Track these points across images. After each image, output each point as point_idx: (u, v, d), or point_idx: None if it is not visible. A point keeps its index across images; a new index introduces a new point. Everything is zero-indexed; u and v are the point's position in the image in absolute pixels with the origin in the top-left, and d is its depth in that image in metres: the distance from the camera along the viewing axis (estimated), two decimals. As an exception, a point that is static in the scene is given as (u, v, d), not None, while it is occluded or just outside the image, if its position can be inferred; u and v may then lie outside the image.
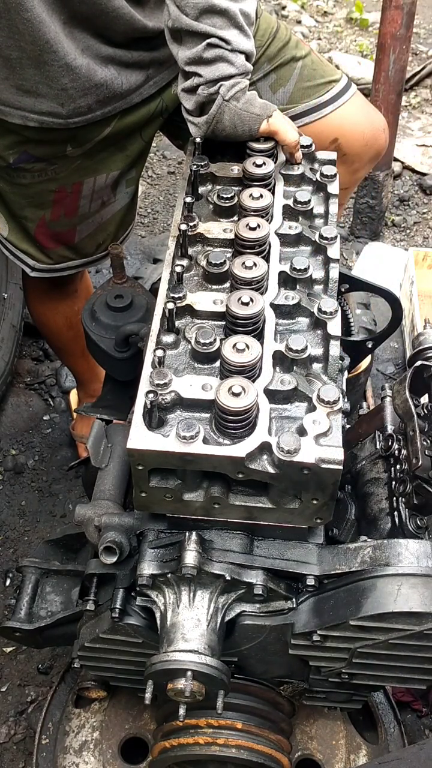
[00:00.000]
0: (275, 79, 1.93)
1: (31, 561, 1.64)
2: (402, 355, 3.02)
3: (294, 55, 1.94)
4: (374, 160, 2.15)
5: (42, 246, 1.99)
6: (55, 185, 1.86)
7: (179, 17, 1.53)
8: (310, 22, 4.85)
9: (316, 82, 1.96)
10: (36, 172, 1.83)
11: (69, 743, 1.87)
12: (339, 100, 1.97)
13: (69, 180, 1.86)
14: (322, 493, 1.23)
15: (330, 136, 1.96)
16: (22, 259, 2.02)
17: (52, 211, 1.91)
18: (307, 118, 1.95)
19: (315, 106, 1.96)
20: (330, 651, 1.39)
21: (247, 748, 1.57)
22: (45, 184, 1.86)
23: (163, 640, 1.34)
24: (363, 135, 2.03)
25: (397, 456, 1.46)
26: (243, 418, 1.20)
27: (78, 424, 2.68)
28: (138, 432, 1.21)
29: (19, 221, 1.94)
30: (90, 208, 1.94)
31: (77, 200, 1.91)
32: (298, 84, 1.95)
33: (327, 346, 1.33)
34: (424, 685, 1.47)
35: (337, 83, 1.98)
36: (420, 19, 4.71)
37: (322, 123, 1.96)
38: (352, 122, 2.00)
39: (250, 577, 1.33)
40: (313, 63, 1.97)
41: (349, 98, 1.99)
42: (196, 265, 1.46)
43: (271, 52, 1.91)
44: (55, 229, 1.96)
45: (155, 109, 1.89)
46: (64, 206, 1.91)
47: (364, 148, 2.04)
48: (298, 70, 1.94)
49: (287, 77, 1.94)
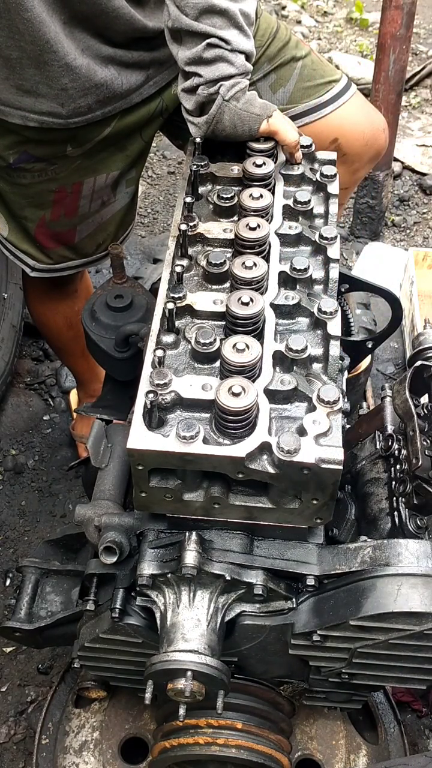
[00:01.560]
0: (275, 79, 1.93)
1: (31, 561, 1.64)
2: (402, 355, 3.02)
3: (294, 55, 1.94)
4: (374, 160, 2.15)
5: (42, 246, 1.99)
6: (55, 185, 1.86)
7: (179, 17, 1.53)
8: (310, 22, 4.85)
9: (316, 82, 1.96)
10: (36, 172, 1.83)
11: (69, 743, 1.87)
12: (339, 100, 1.97)
13: (69, 180, 1.86)
14: (322, 493, 1.23)
15: (330, 136, 1.96)
16: (22, 259, 2.02)
17: (52, 211, 1.91)
18: (307, 118, 1.95)
19: (315, 106, 1.96)
20: (330, 651, 1.39)
21: (247, 748, 1.57)
22: (45, 184, 1.86)
23: (163, 640, 1.34)
24: (363, 135, 2.03)
25: (397, 456, 1.46)
26: (243, 418, 1.20)
27: (78, 424, 2.68)
28: (138, 432, 1.21)
29: (19, 221, 1.95)
30: (90, 208, 1.95)
31: (77, 200, 1.91)
32: (298, 84, 1.95)
33: (327, 346, 1.33)
34: (424, 685, 1.47)
35: (337, 83, 1.98)
36: (420, 19, 4.71)
37: (322, 123, 1.96)
38: (352, 122, 2.00)
39: (250, 577, 1.33)
40: (313, 63, 1.97)
41: (349, 98, 1.99)
42: (196, 265, 1.46)
43: (271, 52, 1.91)
44: (55, 229, 1.96)
45: (155, 109, 1.89)
46: (64, 206, 1.91)
47: (364, 148, 2.04)
48: (298, 70, 1.94)
49: (287, 77, 1.94)
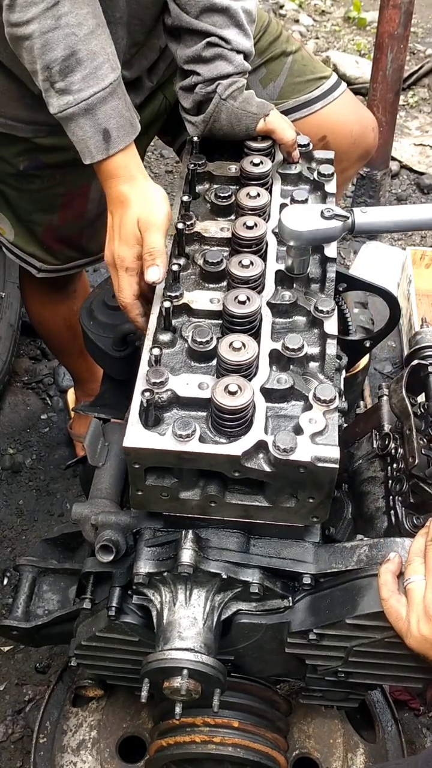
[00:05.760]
0: (265, 73, 1.91)
1: (28, 560, 1.64)
2: (399, 354, 3.02)
3: (285, 50, 1.93)
4: (363, 159, 2.13)
5: (49, 248, 1.98)
6: (63, 189, 1.85)
7: (179, 15, 1.53)
8: (307, 21, 4.85)
9: (307, 78, 1.95)
10: (45, 177, 1.81)
11: (67, 742, 1.87)
12: (329, 97, 1.96)
13: (77, 183, 1.84)
14: (319, 491, 1.23)
15: (319, 132, 1.94)
16: (28, 262, 2.00)
17: (60, 215, 1.90)
18: (296, 113, 1.93)
19: (305, 101, 1.94)
20: (326, 649, 1.39)
21: (244, 747, 1.57)
22: (54, 188, 1.84)
23: (160, 639, 1.34)
24: (351, 133, 2.01)
25: (393, 455, 1.46)
26: (239, 417, 1.20)
27: (75, 423, 2.67)
28: (134, 430, 1.21)
29: (26, 225, 1.93)
30: (97, 210, 1.93)
31: (85, 203, 1.89)
32: (288, 79, 1.93)
33: (324, 345, 1.33)
34: (421, 683, 1.47)
35: (327, 80, 1.97)
36: (417, 18, 4.71)
37: (312, 119, 1.95)
38: (341, 120, 1.99)
39: (246, 575, 1.33)
40: (304, 59, 1.96)
41: (339, 95, 1.97)
42: (193, 264, 1.46)
43: (261, 45, 1.89)
44: (63, 233, 1.95)
45: (159, 107, 1.88)
46: (72, 209, 1.90)
47: (353, 147, 2.02)
48: (288, 65, 1.93)
49: (277, 72, 1.92)
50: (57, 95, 1.39)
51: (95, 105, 1.38)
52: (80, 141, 1.42)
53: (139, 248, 1.40)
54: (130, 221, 1.41)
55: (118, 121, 1.41)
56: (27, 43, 1.36)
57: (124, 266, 1.42)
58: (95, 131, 1.40)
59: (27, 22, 1.34)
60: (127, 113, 1.43)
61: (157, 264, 1.34)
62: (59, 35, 1.34)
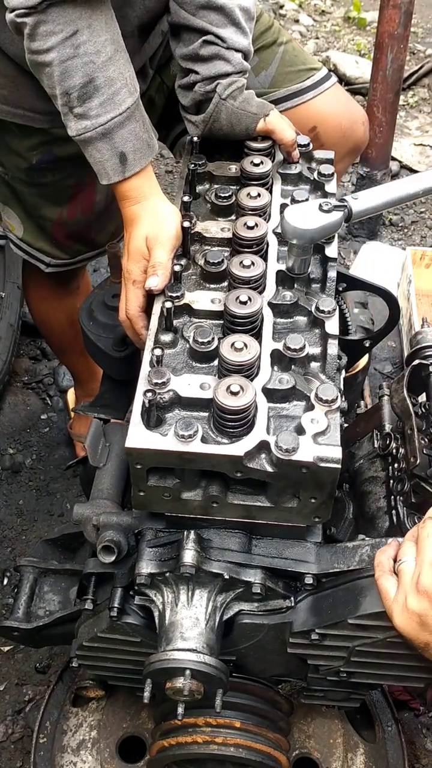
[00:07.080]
0: (257, 62, 1.91)
1: (29, 560, 1.64)
2: (399, 354, 3.02)
3: (276, 39, 1.94)
4: (354, 154, 2.13)
5: (59, 243, 1.99)
6: (73, 180, 1.86)
7: (177, 11, 1.54)
8: (307, 21, 4.85)
9: (298, 68, 1.95)
10: (57, 170, 1.83)
11: (67, 742, 1.87)
12: (319, 88, 1.96)
13: (86, 174, 1.84)
14: (321, 491, 1.23)
15: (309, 123, 1.94)
16: (37, 257, 2.01)
17: (69, 208, 1.91)
18: (288, 103, 1.94)
19: (296, 91, 1.95)
20: (328, 649, 1.39)
21: (246, 747, 1.57)
22: (64, 180, 1.85)
23: (162, 639, 1.34)
24: (340, 125, 2.01)
25: (395, 454, 1.46)
26: (241, 417, 1.20)
27: (76, 423, 2.67)
28: (136, 431, 1.21)
29: (35, 221, 1.94)
30: (105, 201, 1.94)
31: (93, 195, 1.90)
32: (280, 68, 1.94)
33: (325, 345, 1.33)
34: (422, 683, 1.47)
35: (318, 72, 1.98)
36: (417, 18, 4.71)
37: (302, 109, 1.95)
38: (331, 111, 1.99)
39: (248, 575, 1.33)
40: (295, 50, 1.97)
41: (329, 87, 1.98)
42: (194, 264, 1.46)
43: (253, 34, 1.89)
44: (73, 228, 1.96)
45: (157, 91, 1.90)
46: (80, 201, 1.91)
47: (342, 139, 2.02)
48: (280, 54, 1.94)
49: (269, 60, 1.93)
50: (75, 119, 1.43)
51: (112, 129, 1.43)
52: (97, 163, 1.47)
53: (145, 263, 1.45)
54: (138, 238, 1.46)
55: (134, 144, 1.45)
56: (47, 70, 1.41)
57: (131, 279, 1.46)
58: (112, 154, 1.45)
59: (47, 51, 1.38)
60: (145, 134, 1.48)
61: (157, 275, 1.39)
62: (78, 63, 1.38)
